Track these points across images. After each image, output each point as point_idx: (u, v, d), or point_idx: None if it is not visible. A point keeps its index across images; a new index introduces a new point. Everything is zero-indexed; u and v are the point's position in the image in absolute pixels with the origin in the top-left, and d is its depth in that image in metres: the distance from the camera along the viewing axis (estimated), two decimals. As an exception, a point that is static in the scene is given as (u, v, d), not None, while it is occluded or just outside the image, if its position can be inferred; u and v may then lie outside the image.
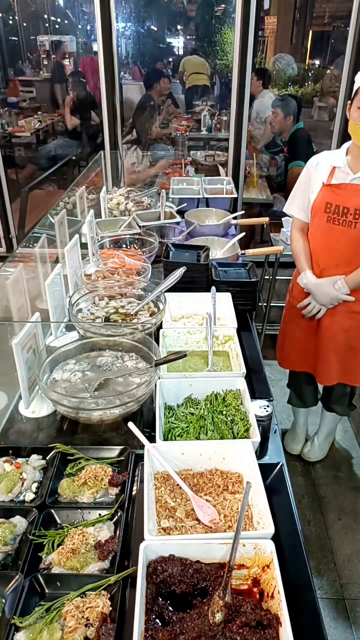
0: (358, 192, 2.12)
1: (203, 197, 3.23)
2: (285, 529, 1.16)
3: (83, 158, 5.83)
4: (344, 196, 2.15)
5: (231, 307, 1.92)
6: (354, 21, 3.41)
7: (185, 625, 0.93)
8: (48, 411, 1.57)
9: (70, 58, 7.19)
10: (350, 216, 2.14)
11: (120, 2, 6.74)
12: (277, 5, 7.48)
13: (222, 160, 4.36)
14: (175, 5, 8.24)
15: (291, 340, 2.63)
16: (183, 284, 1.99)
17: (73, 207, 3.09)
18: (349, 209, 2.14)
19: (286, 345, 2.69)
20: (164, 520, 1.13)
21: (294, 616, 0.90)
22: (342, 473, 2.91)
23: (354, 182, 2.13)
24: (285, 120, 4.30)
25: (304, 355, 2.58)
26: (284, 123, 4.32)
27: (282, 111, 4.29)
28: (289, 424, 3.18)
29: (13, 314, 1.92)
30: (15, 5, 7.15)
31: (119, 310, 1.91)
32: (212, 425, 1.39)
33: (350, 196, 2.14)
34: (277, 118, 4.35)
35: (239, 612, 0.94)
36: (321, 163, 2.24)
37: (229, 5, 7.32)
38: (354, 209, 2.13)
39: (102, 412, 1.43)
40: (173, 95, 6.29)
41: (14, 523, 1.17)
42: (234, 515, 1.15)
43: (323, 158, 2.26)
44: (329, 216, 2.21)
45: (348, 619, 2.19)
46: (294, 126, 4.32)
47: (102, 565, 1.08)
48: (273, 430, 1.49)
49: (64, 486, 1.27)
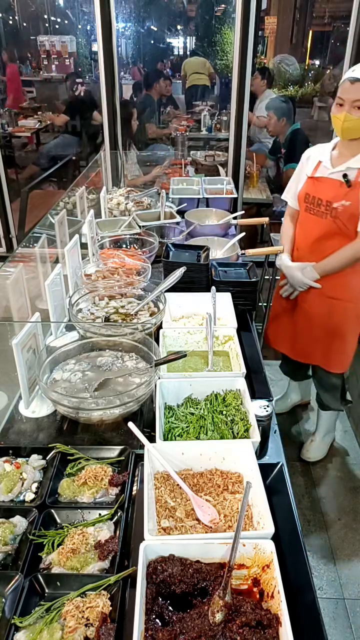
0: (331, 186, 2.26)
1: (203, 197, 3.23)
2: (285, 529, 1.16)
3: (83, 158, 5.84)
4: (320, 188, 2.30)
5: (231, 307, 1.92)
6: (354, 21, 3.41)
7: (185, 625, 0.93)
8: (48, 411, 1.57)
9: (70, 58, 7.20)
10: (323, 207, 2.29)
11: (120, 2, 6.75)
12: (277, 5, 7.49)
13: (222, 161, 4.36)
14: (175, 5, 8.25)
15: (273, 317, 2.80)
16: (183, 284, 1.99)
17: (73, 207, 3.09)
18: (322, 200, 2.29)
19: (271, 322, 2.85)
20: (164, 520, 1.13)
21: (294, 616, 0.90)
22: (342, 473, 2.91)
23: (331, 176, 2.26)
24: (280, 122, 4.33)
25: (283, 334, 2.73)
26: (278, 125, 4.35)
27: (275, 114, 4.31)
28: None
29: (13, 314, 1.92)
30: (15, 6, 7.15)
31: (119, 310, 1.91)
32: (212, 425, 1.39)
33: (325, 189, 2.28)
34: (271, 120, 4.39)
35: (239, 612, 0.94)
36: (312, 156, 2.38)
37: (229, 5, 7.32)
38: (326, 201, 2.27)
39: (102, 412, 1.43)
40: (173, 97, 6.30)
41: (14, 523, 1.17)
42: (234, 515, 1.15)
43: (314, 152, 2.40)
44: (307, 206, 2.37)
45: (348, 619, 2.19)
46: (289, 127, 4.33)
47: (102, 565, 1.08)
48: (273, 430, 1.50)
49: (64, 486, 1.27)
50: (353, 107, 2.06)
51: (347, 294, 2.41)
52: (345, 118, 2.08)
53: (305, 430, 3.18)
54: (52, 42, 7.18)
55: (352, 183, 2.18)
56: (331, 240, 2.31)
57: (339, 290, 2.39)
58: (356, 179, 2.18)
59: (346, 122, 2.09)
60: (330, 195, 2.25)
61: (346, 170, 2.20)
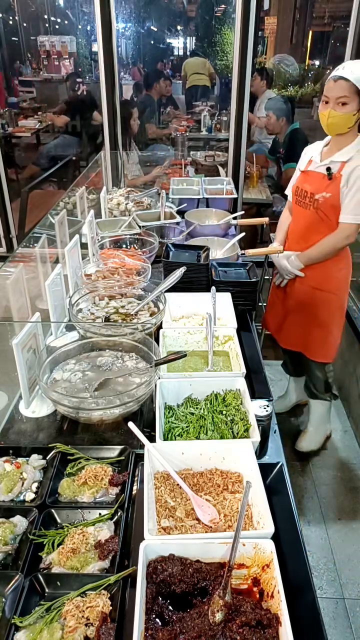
0: (315, 179, 2.36)
1: (203, 197, 3.23)
2: (285, 528, 1.16)
3: (83, 158, 5.84)
4: (307, 181, 2.41)
5: (231, 307, 1.92)
6: (354, 21, 3.41)
7: (185, 624, 0.93)
8: (48, 411, 1.57)
9: (70, 58, 7.20)
10: (307, 199, 2.40)
11: (120, 2, 6.75)
12: (277, 5, 7.49)
13: (222, 161, 4.37)
14: (175, 5, 8.25)
15: (269, 303, 2.92)
16: (183, 284, 1.99)
17: (73, 207, 3.09)
18: (307, 192, 2.40)
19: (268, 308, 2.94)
20: (164, 519, 1.13)
21: (293, 616, 0.90)
22: (342, 473, 2.91)
23: (317, 169, 2.37)
24: (279, 122, 4.35)
25: (276, 320, 2.82)
26: (277, 125, 4.37)
27: (275, 113, 4.33)
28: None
29: (13, 314, 1.92)
30: (15, 6, 7.16)
31: (119, 310, 1.91)
32: (212, 425, 1.39)
33: (311, 181, 2.39)
34: (270, 120, 4.41)
35: (239, 611, 0.94)
36: (307, 152, 2.49)
37: (229, 6, 7.32)
38: (310, 193, 2.38)
39: (102, 412, 1.43)
40: (173, 97, 6.30)
41: (14, 523, 1.17)
42: (233, 514, 1.15)
43: (310, 148, 2.50)
44: (297, 198, 2.49)
45: (348, 619, 2.19)
46: (288, 127, 4.34)
47: (102, 565, 1.08)
48: (273, 430, 1.50)
49: (64, 486, 1.27)
50: (337, 104, 2.16)
51: (331, 285, 2.51)
52: (330, 114, 2.18)
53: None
54: (52, 42, 7.18)
55: (334, 176, 2.27)
56: (316, 230, 2.41)
57: (323, 281, 2.50)
58: (338, 172, 2.27)
59: (330, 118, 2.18)
60: (313, 187, 2.35)
61: (329, 164, 2.30)
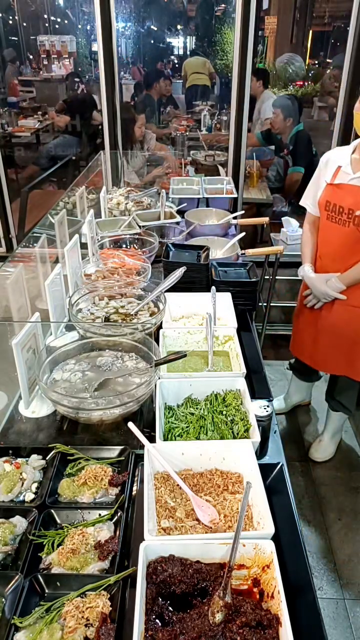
0: (353, 193, 2.17)
1: (203, 197, 3.23)
2: (285, 529, 1.16)
3: (83, 158, 5.83)
4: (341, 195, 2.22)
5: (231, 307, 1.92)
6: (354, 21, 3.41)
7: (185, 625, 0.93)
8: (48, 411, 1.56)
9: (70, 58, 7.19)
10: (344, 215, 2.21)
11: (120, 2, 6.74)
12: (277, 5, 7.48)
13: (222, 160, 4.36)
14: (175, 5, 8.24)
15: (297, 328, 2.75)
16: (183, 284, 1.99)
17: (73, 207, 3.09)
18: (343, 208, 2.20)
19: (294, 332, 2.79)
20: (164, 520, 1.13)
21: (294, 616, 0.90)
22: (342, 473, 2.91)
23: (352, 182, 2.17)
24: (285, 122, 4.31)
25: (304, 344, 2.68)
26: (283, 124, 4.33)
27: (283, 112, 4.29)
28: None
29: (13, 314, 1.92)
30: (15, 5, 7.15)
31: (119, 310, 1.91)
32: (212, 426, 1.39)
33: (346, 195, 2.20)
34: (277, 118, 4.35)
35: (239, 612, 0.94)
36: (330, 161, 2.30)
37: (229, 5, 7.32)
38: (348, 209, 2.18)
39: (102, 412, 1.43)
40: (173, 96, 6.29)
41: (14, 523, 1.17)
42: (234, 515, 1.15)
43: (333, 155, 2.32)
44: (328, 214, 2.30)
45: (348, 619, 2.19)
46: (294, 127, 4.32)
47: (102, 566, 1.08)
48: (273, 430, 1.49)
49: (64, 486, 1.27)
50: None
51: None
52: None
53: (305, 431, 3.18)
54: (52, 42, 7.18)
55: None
56: (354, 248, 2.24)
57: None
58: None
59: None
60: (351, 202, 2.16)
61: None
